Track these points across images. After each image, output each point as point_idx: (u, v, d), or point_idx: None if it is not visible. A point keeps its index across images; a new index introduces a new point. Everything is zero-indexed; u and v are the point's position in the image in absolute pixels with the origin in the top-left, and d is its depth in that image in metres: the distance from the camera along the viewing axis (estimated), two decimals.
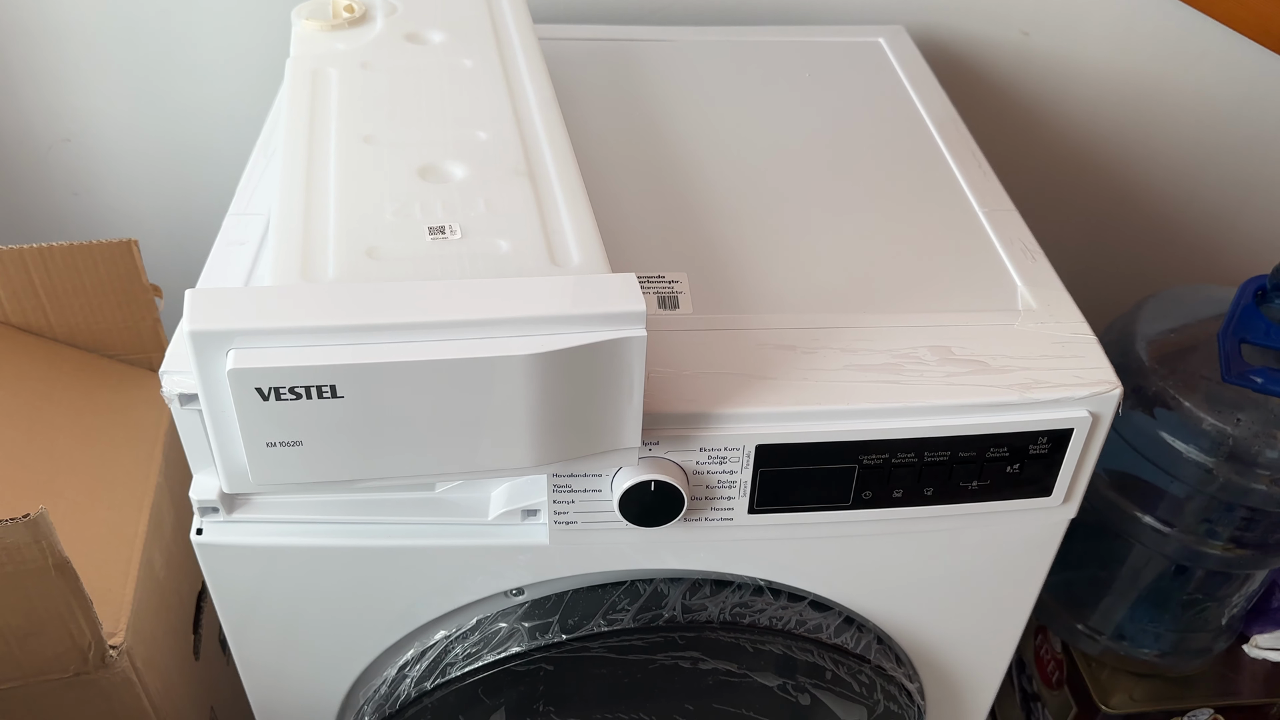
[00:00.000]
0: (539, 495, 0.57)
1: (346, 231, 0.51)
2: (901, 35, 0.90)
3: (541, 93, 0.63)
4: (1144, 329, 0.81)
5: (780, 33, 0.90)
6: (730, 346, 0.57)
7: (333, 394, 0.44)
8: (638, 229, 0.66)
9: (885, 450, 0.55)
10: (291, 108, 0.60)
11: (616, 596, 0.61)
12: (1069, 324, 0.60)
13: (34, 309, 0.80)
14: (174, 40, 0.94)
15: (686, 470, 0.55)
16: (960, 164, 0.73)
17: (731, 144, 0.74)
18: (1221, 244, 1.09)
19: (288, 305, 0.45)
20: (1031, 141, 1.03)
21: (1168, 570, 0.84)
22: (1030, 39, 0.97)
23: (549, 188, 0.55)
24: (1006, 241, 0.66)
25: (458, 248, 0.50)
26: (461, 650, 0.61)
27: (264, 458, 0.46)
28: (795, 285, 0.62)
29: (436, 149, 0.57)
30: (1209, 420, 0.75)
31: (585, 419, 0.49)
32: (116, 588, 0.66)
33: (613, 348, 0.47)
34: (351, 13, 0.69)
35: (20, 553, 0.57)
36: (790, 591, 0.63)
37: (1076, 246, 1.09)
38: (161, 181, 1.02)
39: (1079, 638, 0.91)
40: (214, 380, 0.44)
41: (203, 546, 0.57)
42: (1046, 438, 0.56)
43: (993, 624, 0.68)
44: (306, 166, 0.55)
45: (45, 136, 0.99)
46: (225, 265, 0.59)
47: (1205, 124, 1.02)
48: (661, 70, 0.83)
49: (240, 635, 0.63)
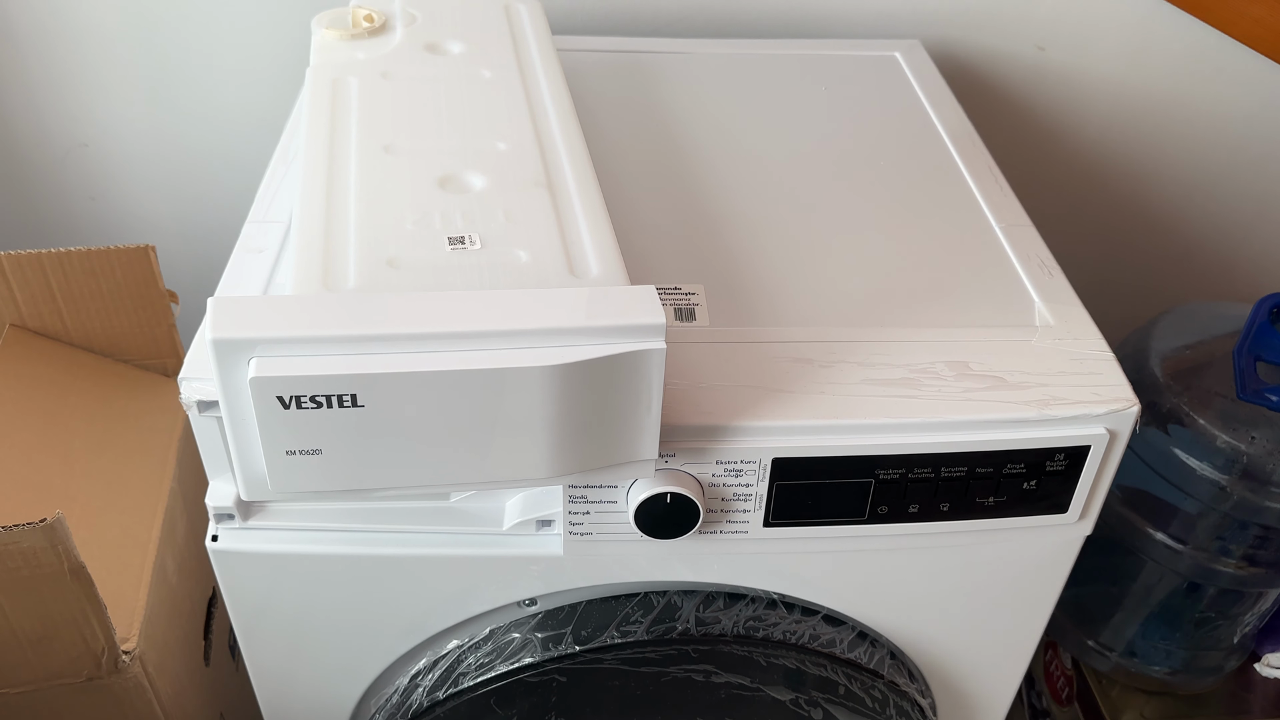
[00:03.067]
0: (554, 506, 0.57)
1: (367, 241, 0.51)
2: (918, 50, 0.90)
3: (560, 104, 0.63)
4: (1158, 345, 0.81)
5: (797, 46, 0.91)
6: (747, 359, 0.57)
7: (353, 403, 0.45)
8: (655, 240, 0.66)
9: (901, 465, 0.55)
10: (312, 116, 0.60)
11: (630, 608, 0.61)
12: (1086, 340, 0.60)
13: (50, 313, 0.80)
14: (192, 46, 0.94)
15: (702, 483, 0.55)
16: (977, 179, 0.73)
17: (748, 156, 0.75)
18: (1236, 260, 1.09)
19: (310, 314, 0.45)
20: (1047, 157, 1.03)
21: (1180, 587, 0.84)
22: (1046, 54, 0.97)
23: (568, 199, 0.55)
24: (1023, 257, 0.66)
25: (477, 258, 0.50)
26: (474, 660, 0.61)
27: (283, 466, 0.46)
28: (812, 298, 0.62)
29: (456, 159, 0.57)
30: (1223, 438, 0.75)
31: (603, 431, 0.49)
32: (129, 593, 0.67)
33: (632, 360, 0.47)
34: (371, 22, 0.69)
35: (36, 557, 0.57)
36: (804, 605, 0.63)
37: (1091, 261, 1.09)
38: (178, 187, 1.03)
39: (1090, 654, 0.91)
40: (235, 388, 0.44)
41: (218, 553, 0.58)
42: (1063, 455, 0.56)
43: (1006, 640, 0.68)
44: (327, 175, 0.55)
45: (63, 141, 0.99)
46: (244, 272, 0.59)
47: (1220, 140, 1.02)
48: (678, 82, 0.83)
49: (252, 641, 0.63)
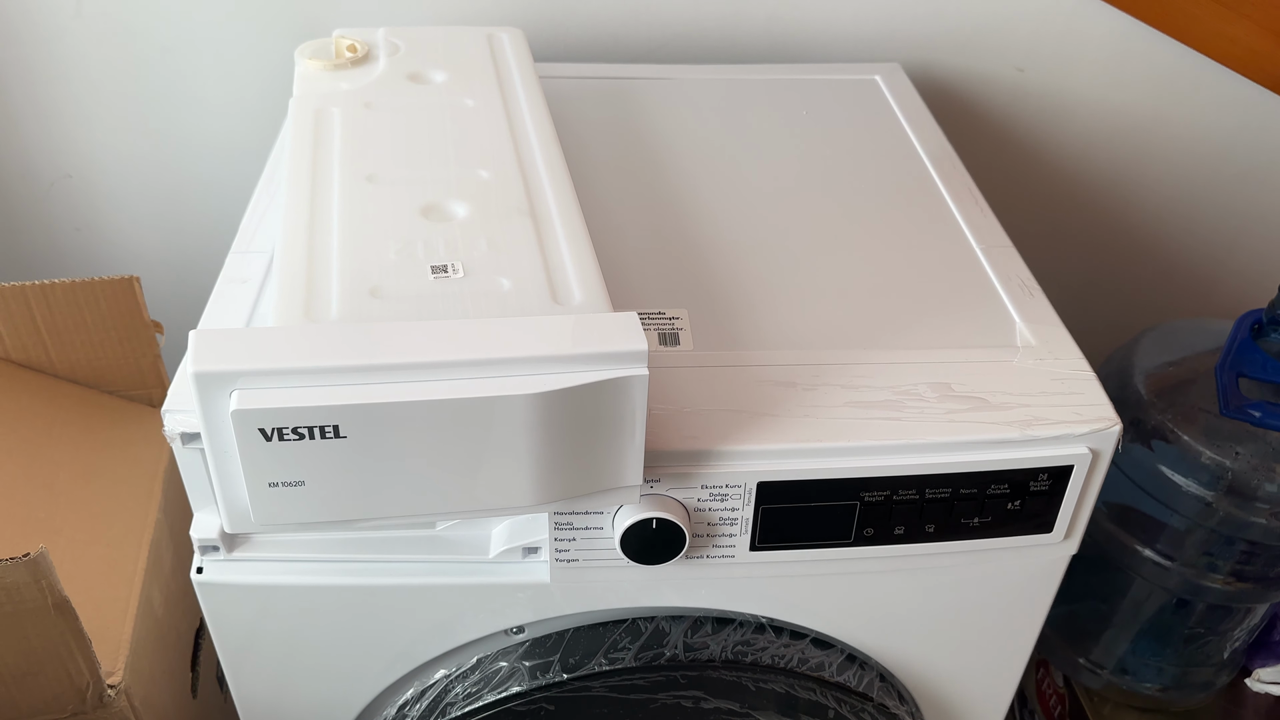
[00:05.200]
0: (540, 533, 0.57)
1: (350, 271, 0.51)
2: (897, 73, 0.91)
3: (543, 131, 0.64)
4: (1141, 362, 0.81)
5: (777, 71, 0.91)
6: (731, 383, 0.57)
7: (336, 434, 0.45)
8: (638, 265, 0.66)
9: (886, 487, 0.55)
10: (295, 147, 0.60)
11: (618, 635, 0.61)
12: (1068, 360, 0.60)
13: (35, 345, 0.80)
14: (176, 77, 0.95)
15: (688, 507, 0.55)
16: (957, 200, 0.74)
17: (730, 181, 0.75)
18: (1217, 278, 1.10)
19: (291, 346, 0.45)
20: (1027, 177, 1.04)
21: (1169, 604, 0.84)
22: (1025, 75, 0.98)
23: (550, 226, 0.56)
24: (1004, 278, 0.66)
25: (460, 286, 0.50)
26: (461, 690, 0.61)
27: (266, 497, 0.46)
28: (795, 322, 0.62)
29: (439, 188, 0.57)
30: (1208, 454, 0.75)
31: (587, 457, 0.49)
32: (115, 626, 0.66)
33: (615, 386, 0.47)
34: (354, 52, 0.69)
35: (19, 592, 0.57)
36: (792, 629, 0.63)
37: (1073, 281, 1.09)
38: (163, 217, 1.03)
39: (1081, 672, 0.91)
40: (217, 420, 0.44)
41: (203, 585, 0.57)
42: (1047, 474, 0.56)
43: (995, 660, 0.68)
44: (310, 206, 0.56)
45: (47, 172, 0.99)
46: (228, 304, 0.59)
47: (1199, 158, 1.03)
48: (661, 108, 0.84)
49: (239, 673, 0.63)
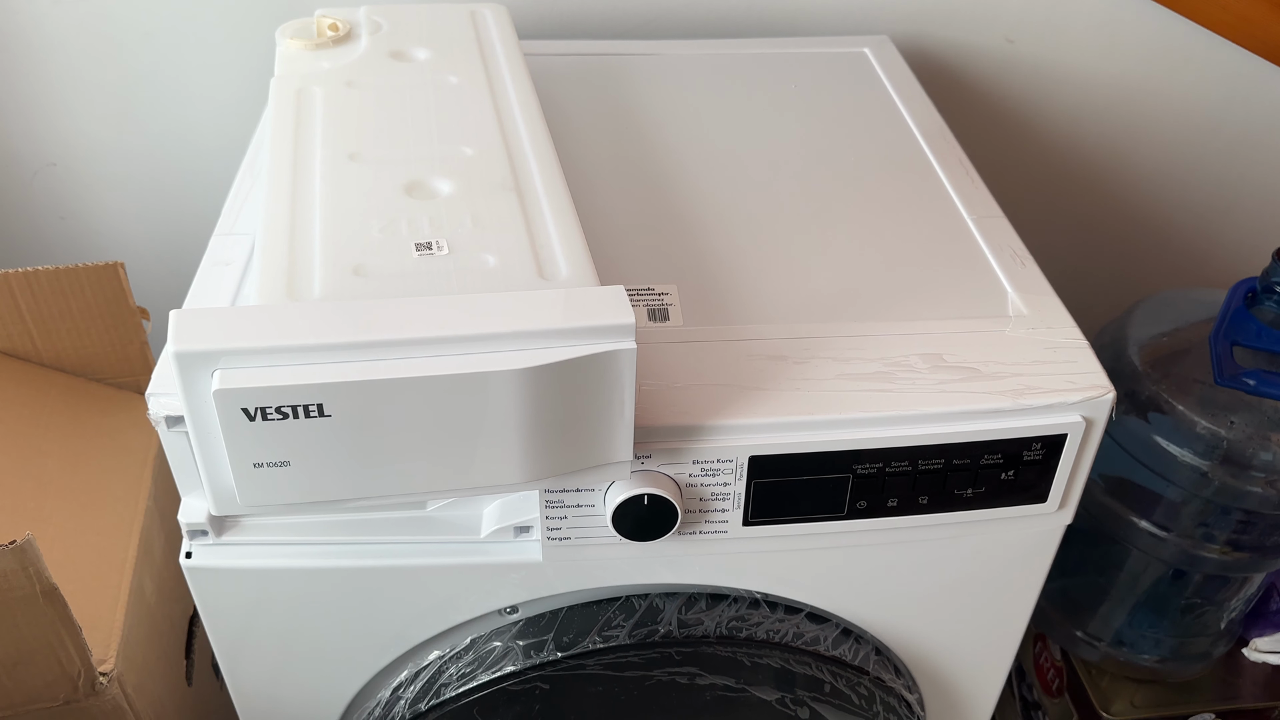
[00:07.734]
0: (531, 512, 0.56)
1: (333, 249, 0.50)
2: (886, 45, 0.91)
3: (527, 107, 0.63)
4: (1135, 333, 0.81)
5: (765, 45, 0.90)
6: (721, 358, 0.57)
7: (320, 413, 0.44)
8: (627, 242, 0.65)
9: (879, 459, 0.55)
10: (276, 127, 0.60)
11: (612, 612, 0.61)
12: (1060, 329, 0.60)
13: (21, 334, 0.79)
14: (158, 62, 0.94)
15: (680, 483, 0.55)
16: (948, 171, 0.73)
17: (719, 156, 0.74)
18: (1210, 247, 1.09)
19: (273, 324, 0.44)
20: (1018, 148, 1.04)
21: (1166, 575, 0.84)
22: (1015, 46, 0.98)
23: (536, 202, 0.55)
24: (996, 248, 0.66)
25: (445, 263, 0.50)
26: (456, 670, 0.61)
27: (252, 479, 0.46)
28: (785, 295, 0.62)
29: (422, 165, 0.57)
30: (1203, 424, 0.75)
31: (576, 433, 0.49)
32: (106, 614, 0.66)
33: (603, 361, 0.46)
34: (336, 31, 0.69)
35: (7, 580, 0.57)
36: (787, 604, 0.63)
37: (1066, 252, 1.09)
38: (148, 204, 1.02)
39: (1078, 645, 0.91)
40: (200, 401, 0.44)
41: (192, 570, 0.57)
42: (1040, 444, 0.56)
43: (991, 632, 0.68)
44: (292, 186, 0.55)
45: (31, 161, 0.99)
46: (211, 286, 0.58)
47: (1191, 127, 1.02)
48: (648, 84, 0.83)
49: (232, 659, 0.62)
